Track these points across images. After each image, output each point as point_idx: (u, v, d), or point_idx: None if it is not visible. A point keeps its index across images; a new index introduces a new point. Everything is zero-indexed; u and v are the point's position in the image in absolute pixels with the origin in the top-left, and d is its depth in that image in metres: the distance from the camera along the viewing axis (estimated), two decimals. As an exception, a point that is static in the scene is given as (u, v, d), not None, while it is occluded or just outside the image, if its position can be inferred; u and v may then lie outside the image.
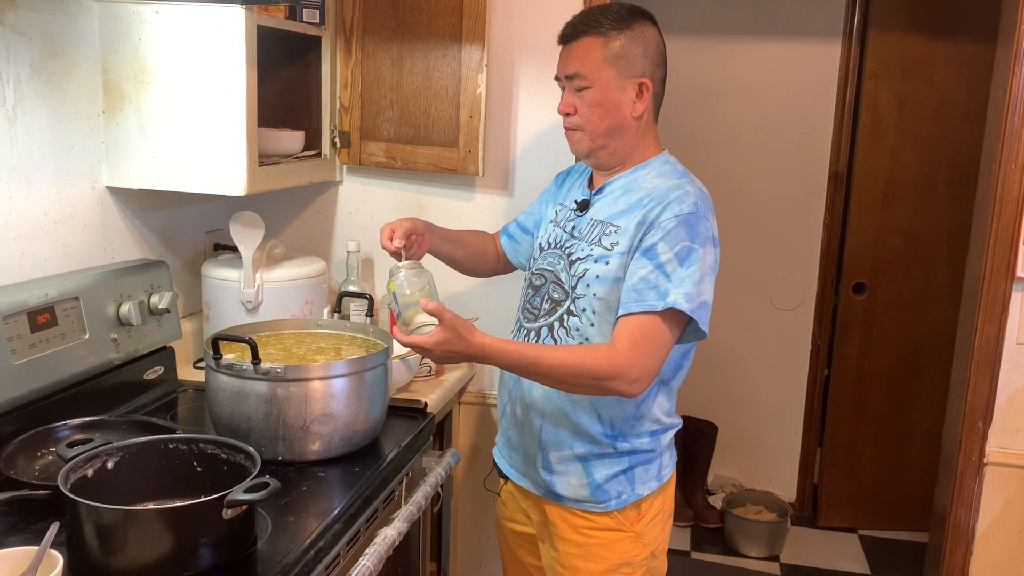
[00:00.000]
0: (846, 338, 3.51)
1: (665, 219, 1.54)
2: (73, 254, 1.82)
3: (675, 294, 1.50)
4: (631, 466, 1.67)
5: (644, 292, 1.52)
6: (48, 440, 1.56)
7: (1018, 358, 2.18)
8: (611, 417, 1.65)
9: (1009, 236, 2.12)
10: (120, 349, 1.80)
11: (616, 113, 1.62)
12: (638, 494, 1.68)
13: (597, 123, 1.63)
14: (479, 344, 1.48)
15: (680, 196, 1.56)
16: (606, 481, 1.67)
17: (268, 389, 1.59)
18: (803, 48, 3.44)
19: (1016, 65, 2.06)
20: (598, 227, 1.65)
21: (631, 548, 1.69)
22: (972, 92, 3.10)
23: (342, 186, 2.41)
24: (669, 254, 1.52)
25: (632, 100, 1.61)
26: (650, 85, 1.62)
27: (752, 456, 3.77)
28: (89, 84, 1.82)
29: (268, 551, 1.32)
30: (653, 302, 1.50)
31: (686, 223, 1.53)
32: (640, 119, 1.63)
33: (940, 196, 3.33)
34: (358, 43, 2.23)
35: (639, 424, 1.67)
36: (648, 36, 1.62)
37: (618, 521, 1.68)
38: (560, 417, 1.68)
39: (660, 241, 1.53)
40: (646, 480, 1.68)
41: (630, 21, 1.60)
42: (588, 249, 1.64)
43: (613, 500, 1.67)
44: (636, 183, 1.65)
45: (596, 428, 1.66)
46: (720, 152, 3.52)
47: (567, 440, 1.68)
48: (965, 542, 2.27)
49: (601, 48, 1.60)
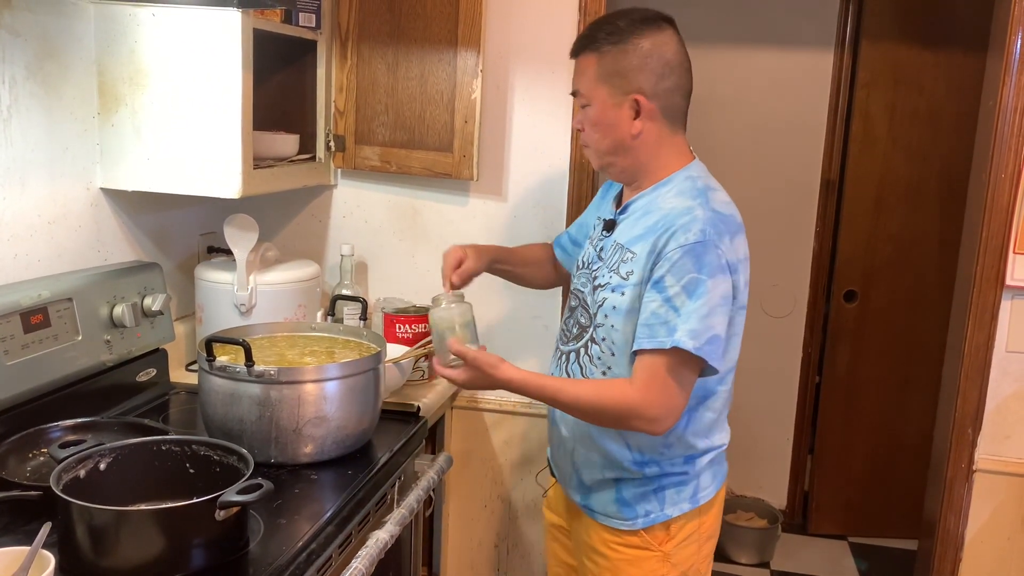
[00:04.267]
0: (837, 345, 3.52)
1: (671, 250, 1.47)
2: (67, 255, 1.82)
3: (681, 331, 1.44)
4: (661, 487, 1.63)
5: (655, 328, 1.47)
6: (40, 441, 1.55)
7: (1007, 365, 2.19)
8: (639, 444, 1.61)
9: (999, 244, 2.13)
10: (113, 351, 1.79)
11: (614, 132, 1.56)
12: (667, 515, 1.63)
13: (599, 142, 1.59)
14: (504, 379, 1.56)
15: (687, 224, 1.48)
16: (634, 499, 1.64)
17: (261, 391, 1.59)
18: (796, 57, 3.46)
19: (1006, 75, 2.08)
20: (618, 252, 1.59)
21: (657, 568, 1.65)
22: (963, 102, 3.12)
23: (336, 190, 2.41)
24: (677, 287, 1.46)
25: (628, 119, 1.54)
26: (644, 101, 1.53)
27: (743, 463, 3.76)
28: (84, 86, 1.82)
29: (260, 553, 1.32)
30: (663, 339, 1.46)
31: (691, 253, 1.46)
32: (639, 138, 1.55)
33: (931, 205, 3.35)
34: (354, 47, 2.24)
35: (669, 451, 1.61)
36: (646, 47, 1.52)
37: (644, 540, 1.64)
38: (589, 443, 1.65)
39: (667, 274, 1.47)
40: (677, 502, 1.63)
41: (628, 33, 1.52)
42: (608, 276, 1.59)
43: (640, 519, 1.63)
44: (655, 203, 1.57)
45: (624, 455, 1.62)
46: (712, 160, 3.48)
47: (598, 464, 1.66)
48: (954, 549, 2.28)
49: (595, 65, 1.55)
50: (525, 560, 2.47)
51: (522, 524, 2.45)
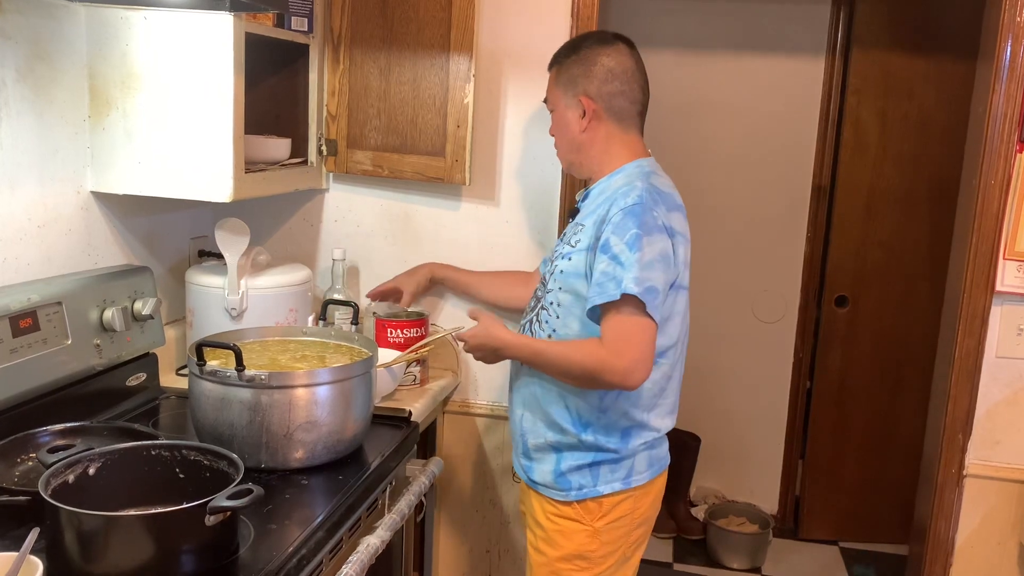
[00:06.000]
0: (828, 350, 3.53)
1: (612, 213, 1.66)
2: (57, 259, 1.81)
3: (627, 279, 1.60)
4: (596, 462, 1.76)
5: (604, 284, 1.62)
6: (28, 446, 1.54)
7: (997, 371, 2.20)
8: (577, 407, 1.75)
9: (988, 250, 2.14)
10: (103, 355, 1.78)
11: (567, 131, 1.81)
12: (599, 491, 1.76)
13: (559, 142, 1.85)
14: (500, 338, 1.75)
15: (626, 190, 1.68)
16: (570, 471, 1.77)
17: (252, 396, 1.58)
18: (787, 63, 3.48)
19: (996, 82, 2.09)
20: (573, 228, 1.79)
21: (587, 542, 1.77)
22: (953, 109, 3.14)
23: (328, 194, 2.41)
24: (620, 244, 1.62)
25: (578, 119, 1.78)
26: (588, 102, 1.75)
27: (734, 468, 3.78)
28: (75, 89, 1.82)
29: (250, 558, 1.31)
30: (612, 291, 1.61)
31: (631, 213, 1.64)
32: (586, 133, 1.78)
33: (921, 210, 3.37)
34: (346, 52, 2.24)
35: (605, 415, 1.74)
36: (592, 56, 1.76)
37: (577, 512, 1.77)
38: (535, 407, 1.81)
39: (611, 235, 1.64)
40: (610, 480, 1.76)
41: (580, 47, 1.79)
42: (561, 248, 1.79)
43: (573, 491, 1.77)
44: (608, 186, 1.77)
45: (564, 417, 1.76)
46: (704, 165, 3.55)
47: (541, 429, 1.80)
48: (945, 554, 2.29)
49: (555, 76, 1.82)
50: (516, 565, 2.46)
51: (513, 529, 2.45)
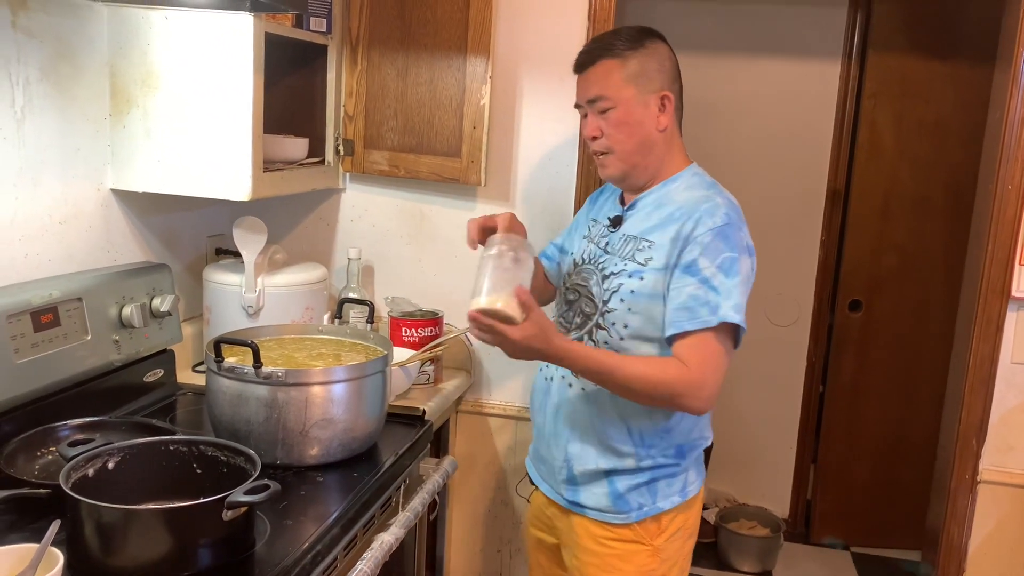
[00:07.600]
0: (841, 355, 3.52)
1: (700, 234, 1.55)
2: (77, 255, 1.83)
3: (725, 307, 1.51)
4: (653, 479, 1.67)
5: (696, 309, 1.52)
6: (48, 439, 1.56)
7: (1012, 377, 2.19)
8: (640, 430, 1.65)
9: (1004, 256, 2.14)
10: (121, 351, 1.80)
11: (641, 129, 1.64)
12: (659, 507, 1.67)
13: (625, 141, 1.64)
14: (558, 346, 1.48)
15: (710, 208, 1.57)
16: (627, 492, 1.66)
17: (268, 393, 1.60)
18: (803, 66, 3.47)
19: (1014, 88, 2.08)
20: (631, 242, 1.65)
21: (648, 562, 1.68)
22: (969, 114, 3.12)
23: (345, 193, 2.42)
24: (712, 268, 1.53)
25: (656, 114, 1.64)
26: (671, 97, 1.65)
27: (746, 471, 3.77)
28: (96, 87, 1.84)
29: (266, 554, 1.32)
30: (707, 318, 1.51)
31: (722, 234, 1.54)
32: (665, 132, 1.65)
33: (936, 215, 3.35)
34: (364, 53, 2.25)
35: (668, 437, 1.66)
36: (661, 52, 1.66)
37: (637, 533, 1.68)
38: (588, 431, 1.68)
39: (700, 256, 1.54)
40: (669, 495, 1.68)
41: (642, 40, 1.65)
42: (621, 264, 1.64)
43: (634, 512, 1.67)
44: (667, 196, 1.65)
45: (624, 441, 1.65)
46: (719, 167, 3.49)
47: (592, 455, 1.68)
48: (958, 560, 2.28)
49: (619, 69, 1.63)
50: (528, 565, 2.46)
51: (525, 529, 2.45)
